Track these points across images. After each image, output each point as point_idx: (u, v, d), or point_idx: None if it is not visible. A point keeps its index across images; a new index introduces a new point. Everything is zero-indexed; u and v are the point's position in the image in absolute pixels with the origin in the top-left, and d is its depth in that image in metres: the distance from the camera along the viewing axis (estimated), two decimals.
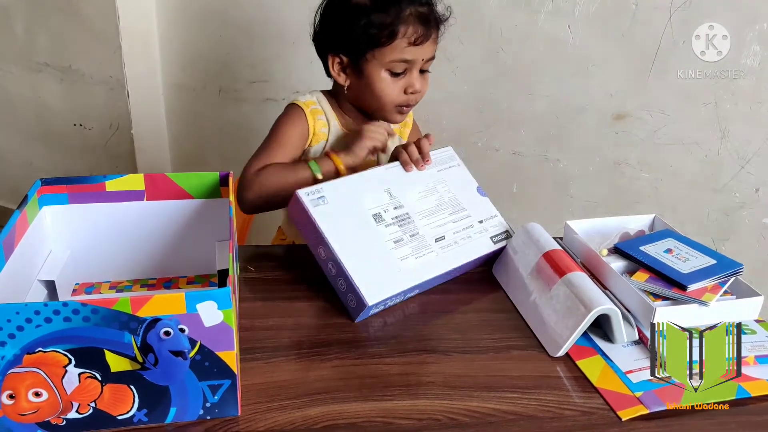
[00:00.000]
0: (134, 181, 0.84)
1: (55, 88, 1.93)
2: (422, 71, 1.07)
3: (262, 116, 1.78)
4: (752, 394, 0.70)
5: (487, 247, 0.94)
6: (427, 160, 0.98)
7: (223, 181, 0.86)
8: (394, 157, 1.00)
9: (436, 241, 0.90)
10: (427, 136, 1.01)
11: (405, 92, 1.06)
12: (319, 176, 1.01)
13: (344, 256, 0.83)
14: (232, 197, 0.83)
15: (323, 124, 1.11)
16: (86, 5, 1.76)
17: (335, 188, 0.89)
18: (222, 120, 1.86)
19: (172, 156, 1.98)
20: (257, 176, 1.02)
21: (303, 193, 0.86)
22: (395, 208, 0.91)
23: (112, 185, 0.84)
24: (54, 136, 2.02)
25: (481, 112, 1.58)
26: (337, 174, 1.01)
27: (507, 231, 0.97)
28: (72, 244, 0.85)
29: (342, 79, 1.08)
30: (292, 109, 1.10)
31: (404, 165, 0.97)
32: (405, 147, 0.99)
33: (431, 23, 1.03)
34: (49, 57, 1.89)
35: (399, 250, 0.87)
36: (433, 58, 1.07)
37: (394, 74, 1.05)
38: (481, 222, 0.95)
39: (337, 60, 1.06)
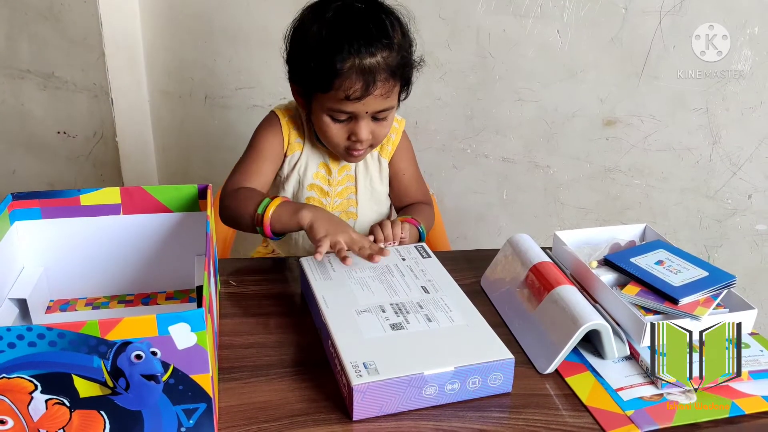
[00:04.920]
0: (110, 195, 0.82)
1: (37, 95, 1.89)
2: (377, 118, 0.99)
3: (249, 123, 1.75)
4: (746, 412, 0.69)
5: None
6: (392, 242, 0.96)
7: (202, 194, 0.83)
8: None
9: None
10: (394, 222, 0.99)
11: (349, 138, 1.00)
12: (260, 213, 0.93)
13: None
14: (209, 211, 0.80)
15: (298, 134, 1.08)
16: (69, 11, 1.73)
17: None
18: (208, 127, 1.84)
19: (157, 164, 1.95)
20: (229, 198, 1.01)
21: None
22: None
23: (86, 199, 0.81)
24: (37, 144, 1.99)
25: (470, 119, 1.57)
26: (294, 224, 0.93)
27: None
28: (46, 260, 0.83)
29: (301, 105, 1.04)
30: (270, 117, 1.09)
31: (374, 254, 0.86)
32: (381, 227, 0.98)
33: (378, 78, 0.92)
34: (31, 64, 1.86)
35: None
36: (389, 108, 0.98)
37: (336, 120, 0.98)
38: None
39: (295, 86, 1.02)
